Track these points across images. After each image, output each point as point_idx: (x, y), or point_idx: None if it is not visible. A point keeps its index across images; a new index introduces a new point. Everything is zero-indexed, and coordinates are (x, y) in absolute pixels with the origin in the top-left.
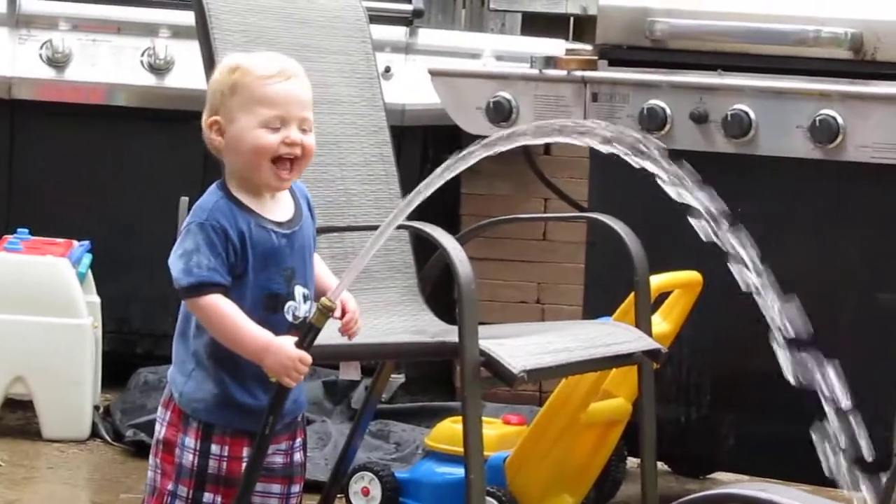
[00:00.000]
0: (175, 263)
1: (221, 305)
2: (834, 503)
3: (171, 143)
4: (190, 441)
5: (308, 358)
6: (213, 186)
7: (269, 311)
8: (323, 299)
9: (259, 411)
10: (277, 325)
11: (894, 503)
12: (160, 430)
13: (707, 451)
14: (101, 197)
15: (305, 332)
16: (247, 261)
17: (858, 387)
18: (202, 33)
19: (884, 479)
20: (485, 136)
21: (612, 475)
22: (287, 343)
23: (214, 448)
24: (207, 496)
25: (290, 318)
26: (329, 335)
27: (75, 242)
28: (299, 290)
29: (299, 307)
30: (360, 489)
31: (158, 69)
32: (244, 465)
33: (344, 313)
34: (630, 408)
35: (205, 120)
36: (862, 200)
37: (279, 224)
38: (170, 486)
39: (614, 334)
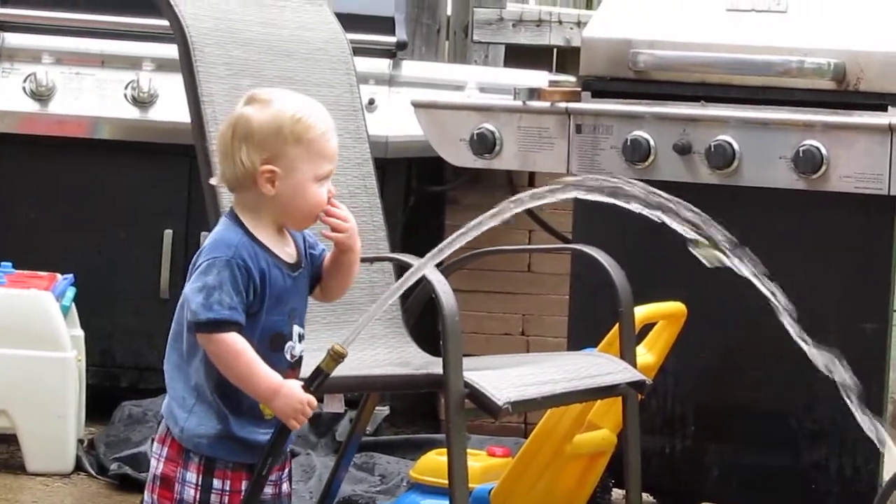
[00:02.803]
0: (194, 296)
1: (237, 343)
2: None
3: (155, 177)
4: (191, 476)
5: (314, 402)
6: (226, 220)
7: (271, 350)
8: (335, 345)
9: (256, 444)
10: (277, 363)
11: None
12: (157, 466)
13: (692, 482)
14: (84, 230)
15: (314, 377)
16: (263, 300)
17: (842, 417)
18: (186, 66)
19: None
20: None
21: None
22: (296, 387)
23: (216, 483)
24: None
25: (288, 356)
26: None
27: (59, 276)
28: (296, 330)
29: (296, 346)
30: None
31: (142, 102)
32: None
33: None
34: (615, 439)
35: (253, 163)
36: (846, 230)
37: (289, 265)
38: None
39: (599, 366)
